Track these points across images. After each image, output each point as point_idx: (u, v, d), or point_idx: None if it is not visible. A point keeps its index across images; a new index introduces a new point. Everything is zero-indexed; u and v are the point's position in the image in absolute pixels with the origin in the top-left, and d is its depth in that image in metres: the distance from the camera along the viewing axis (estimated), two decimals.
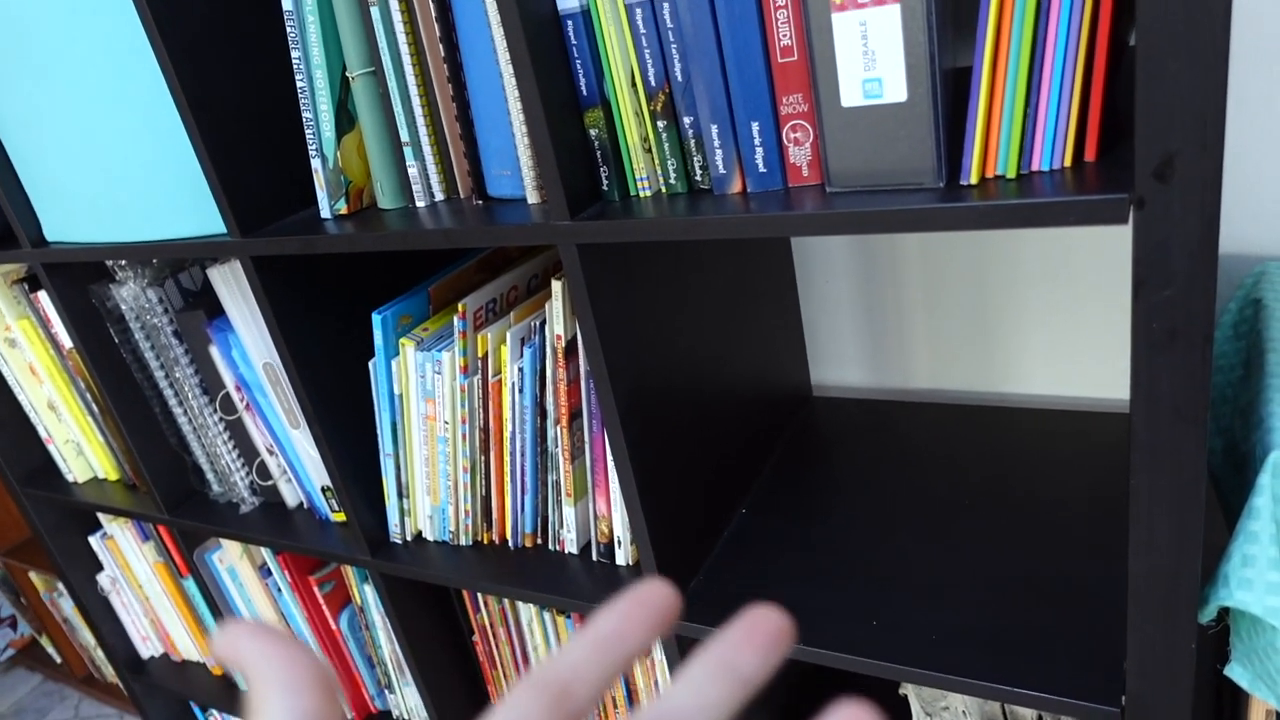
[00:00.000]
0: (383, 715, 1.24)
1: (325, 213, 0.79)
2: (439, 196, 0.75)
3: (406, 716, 1.22)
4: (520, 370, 0.79)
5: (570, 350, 0.77)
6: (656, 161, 0.62)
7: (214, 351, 1.00)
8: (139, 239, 0.88)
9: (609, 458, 0.78)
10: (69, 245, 0.96)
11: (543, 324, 0.78)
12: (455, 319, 0.79)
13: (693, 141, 0.60)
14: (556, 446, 0.81)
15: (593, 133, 0.63)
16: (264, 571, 1.18)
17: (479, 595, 1.00)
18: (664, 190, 0.63)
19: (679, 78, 0.58)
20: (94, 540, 1.40)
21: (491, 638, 1.04)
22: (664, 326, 0.74)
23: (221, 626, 0.24)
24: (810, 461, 0.93)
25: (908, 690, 0.97)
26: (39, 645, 2.38)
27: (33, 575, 2.01)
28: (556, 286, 0.73)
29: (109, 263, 1.03)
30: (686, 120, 0.60)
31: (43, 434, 1.30)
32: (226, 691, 1.39)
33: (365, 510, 0.94)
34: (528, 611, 0.97)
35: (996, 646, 0.65)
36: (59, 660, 2.25)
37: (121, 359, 1.09)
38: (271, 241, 0.78)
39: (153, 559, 1.34)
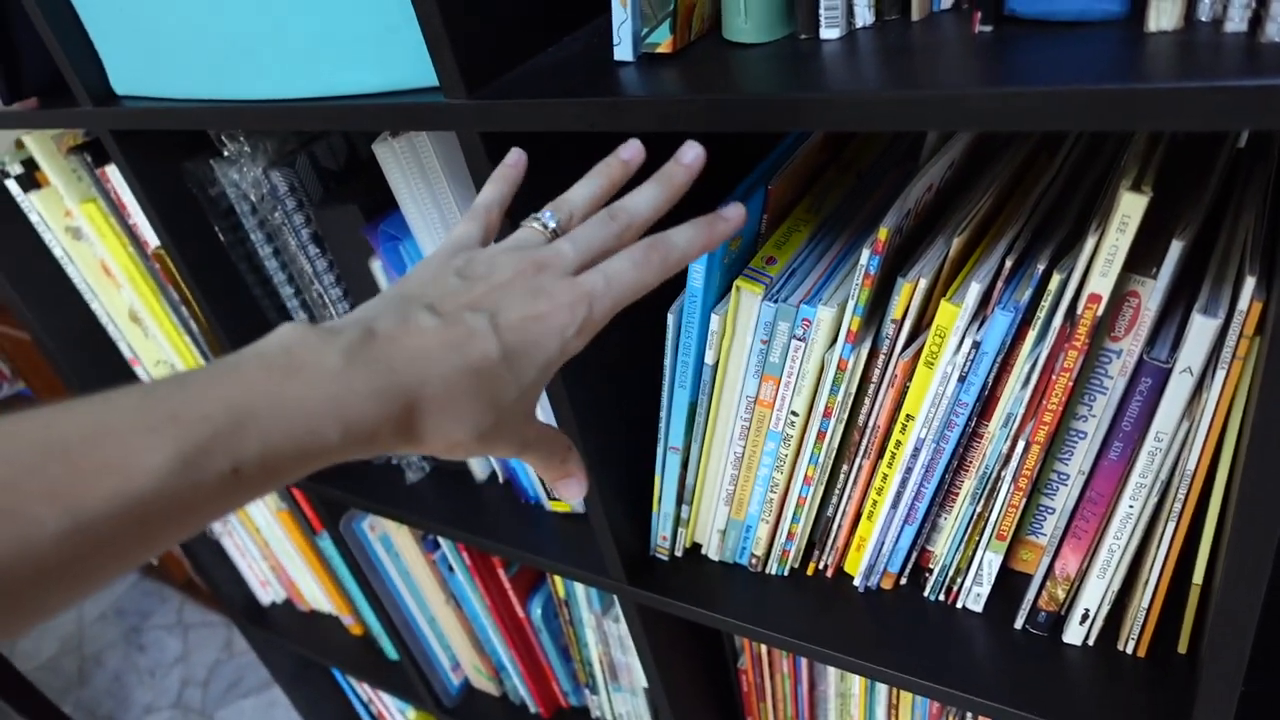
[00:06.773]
0: (578, 712, 0.99)
1: (625, 52, 0.43)
2: (865, 20, 0.39)
3: (610, 719, 0.96)
4: (975, 345, 0.44)
5: (1104, 321, 0.41)
6: None
7: (376, 267, 0.67)
8: (273, 96, 0.53)
9: (1122, 502, 0.45)
10: (153, 103, 0.62)
11: (1045, 270, 0.42)
12: (865, 253, 0.43)
13: None
14: (1005, 466, 0.47)
15: None
16: (429, 544, 0.90)
17: None
18: None
19: None
20: None
21: (765, 669, 0.75)
22: None
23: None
24: None
25: None
26: None
27: None
28: (1128, 201, 0.37)
29: (211, 132, 0.68)
30: None
31: (126, 353, 0.99)
32: (367, 657, 1.14)
33: (618, 512, 0.63)
34: None
35: None
36: (155, 561, 2.08)
37: (230, 264, 0.76)
38: (526, 107, 0.42)
39: (274, 505, 1.06)
